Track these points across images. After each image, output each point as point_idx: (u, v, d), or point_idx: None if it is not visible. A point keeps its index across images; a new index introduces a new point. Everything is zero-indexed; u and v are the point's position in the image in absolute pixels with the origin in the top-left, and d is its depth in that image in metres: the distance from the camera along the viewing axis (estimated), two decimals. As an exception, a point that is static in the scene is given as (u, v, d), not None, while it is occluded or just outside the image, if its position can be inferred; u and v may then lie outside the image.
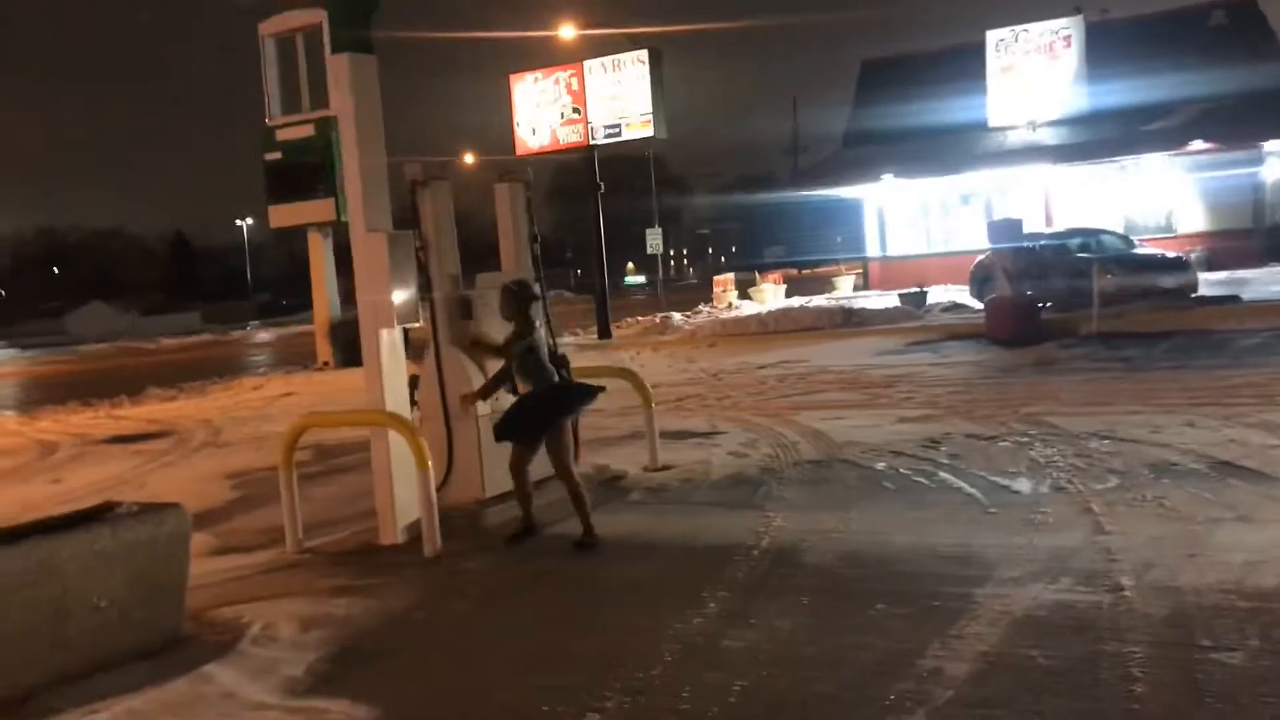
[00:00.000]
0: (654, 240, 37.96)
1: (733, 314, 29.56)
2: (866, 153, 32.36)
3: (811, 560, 6.29)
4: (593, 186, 24.01)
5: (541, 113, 24.29)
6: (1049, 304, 18.68)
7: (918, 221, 32.70)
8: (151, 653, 5.51)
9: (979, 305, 22.44)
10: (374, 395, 7.65)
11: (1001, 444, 9.24)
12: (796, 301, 32.60)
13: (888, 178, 30.57)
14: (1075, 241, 20.69)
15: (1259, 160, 28.79)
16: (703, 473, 9.11)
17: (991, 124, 30.83)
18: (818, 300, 30.73)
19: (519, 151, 24.94)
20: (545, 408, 7.24)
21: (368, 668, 5.24)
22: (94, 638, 5.33)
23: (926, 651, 4.69)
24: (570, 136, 24.06)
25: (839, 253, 67.56)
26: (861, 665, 4.63)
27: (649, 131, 23.20)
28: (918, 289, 23.05)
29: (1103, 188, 29.27)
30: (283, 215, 24.76)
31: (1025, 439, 9.33)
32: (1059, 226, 26.07)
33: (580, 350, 22.34)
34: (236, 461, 12.64)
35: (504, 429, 7.35)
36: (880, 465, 8.81)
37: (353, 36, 7.59)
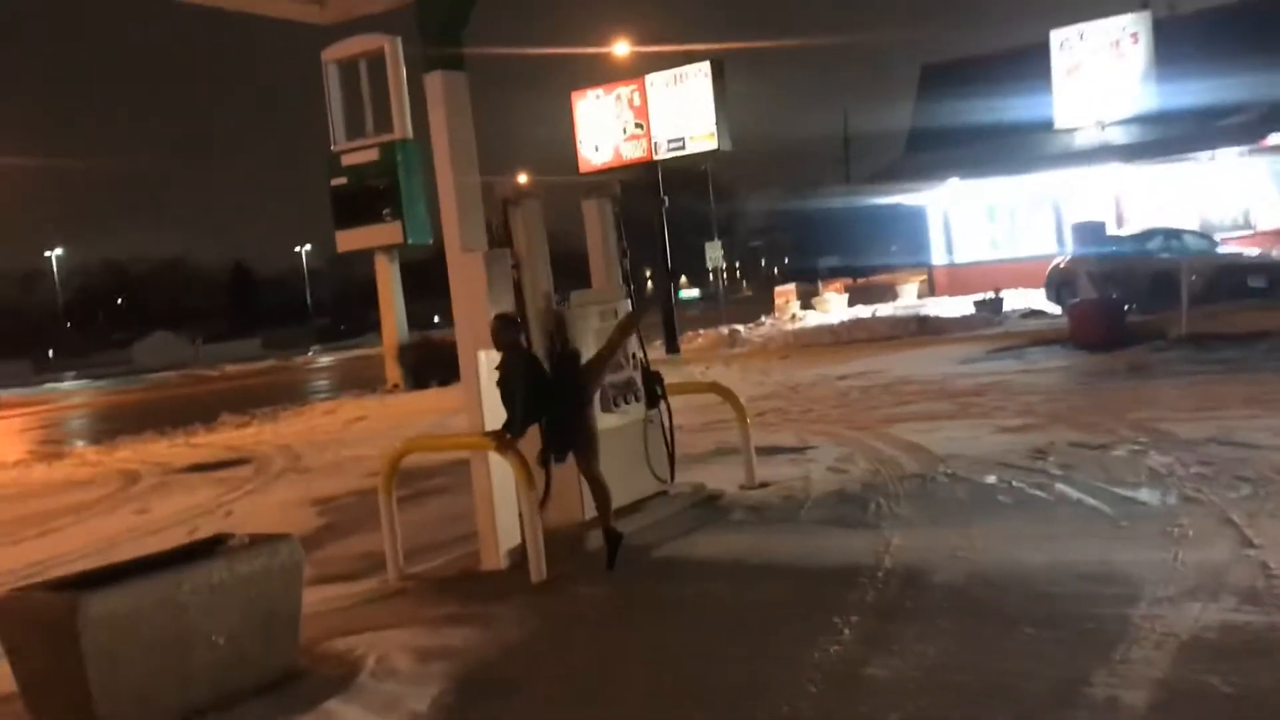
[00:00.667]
0: (714, 253, 37.70)
1: (797, 325, 29.23)
2: (930, 157, 31.89)
3: (942, 581, 6.01)
4: (655, 201, 23.84)
5: (604, 129, 24.20)
6: (1133, 307, 18.16)
7: (984, 226, 32.15)
8: (269, 688, 5.37)
9: (1057, 310, 21.97)
10: (474, 417, 7.50)
11: (1114, 453, 8.88)
12: (865, 311, 32.16)
13: (953, 181, 30.11)
14: (1156, 242, 20.17)
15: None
16: (803, 490, 8.85)
17: (1058, 125, 30.23)
18: (886, 309, 30.29)
19: (582, 169, 24.84)
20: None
21: (495, 701, 5.05)
22: (213, 674, 5.20)
23: (1093, 679, 4.39)
24: (634, 152, 23.93)
25: (895, 259, 66.80)
26: (1026, 695, 4.35)
27: (713, 144, 23.00)
28: (993, 294, 22.58)
29: (1175, 187, 28.54)
30: (350, 240, 25.07)
31: (1138, 447, 8.96)
32: (1133, 227, 25.47)
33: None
34: (320, 487, 12.56)
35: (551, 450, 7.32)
36: (990, 478, 8.49)
37: (444, 54, 7.44)
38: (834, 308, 35.78)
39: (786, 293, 37.79)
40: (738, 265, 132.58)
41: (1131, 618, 5.05)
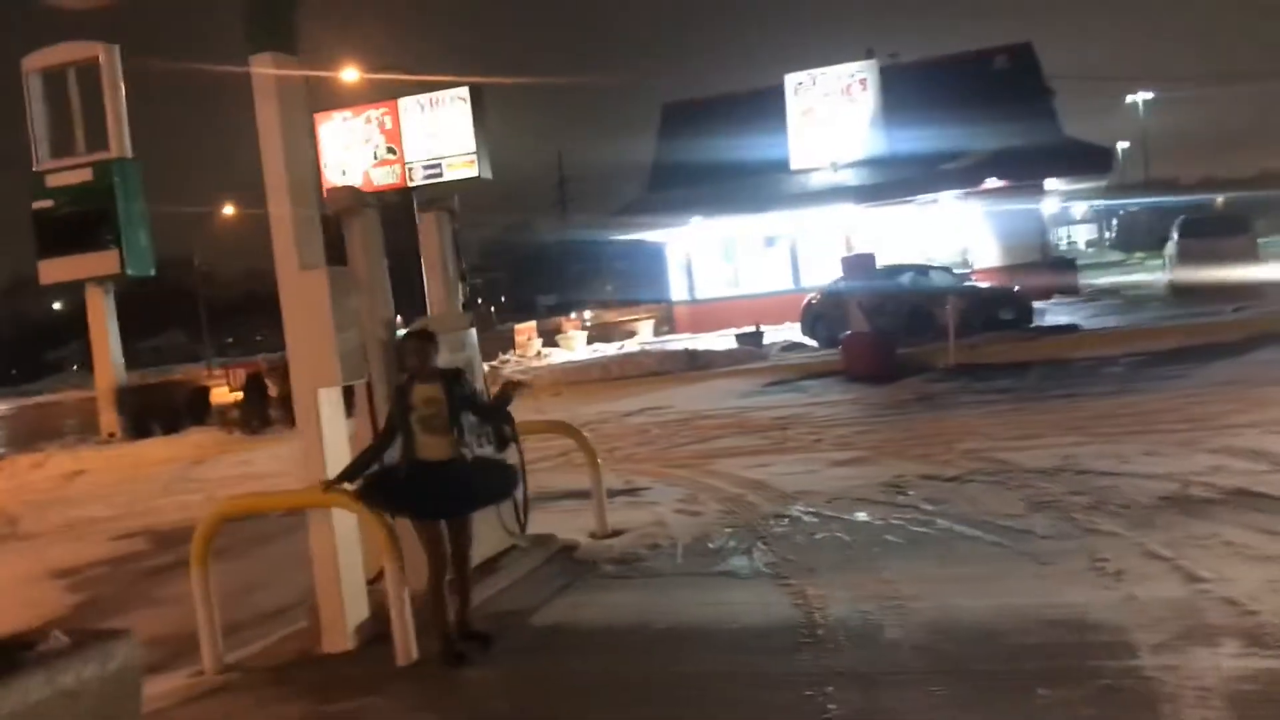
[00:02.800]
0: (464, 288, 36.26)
1: (544, 362, 28.54)
2: (672, 195, 32.09)
3: (895, 637, 5.36)
4: (410, 229, 22.43)
5: (351, 153, 22.53)
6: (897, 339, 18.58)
7: (723, 263, 32.67)
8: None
9: (814, 344, 22.35)
10: (312, 468, 6.23)
11: (971, 484, 8.63)
12: (608, 348, 31.87)
13: (696, 219, 30.39)
14: (908, 277, 20.85)
15: (1040, 198, 30.34)
16: (665, 536, 8.05)
17: (794, 165, 31.18)
18: (633, 345, 30.09)
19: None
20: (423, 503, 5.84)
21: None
22: (29, 835, 3.78)
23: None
24: (386, 178, 22.35)
25: (619, 297, 67.50)
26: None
27: (473, 171, 21.72)
28: (754, 329, 22.71)
29: (902, 226, 30.03)
30: (57, 270, 22.19)
31: (991, 478, 8.76)
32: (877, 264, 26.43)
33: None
34: (57, 557, 10.59)
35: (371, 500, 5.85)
36: (861, 515, 8.01)
37: (275, 30, 6.20)
38: (577, 345, 35.33)
39: (528, 330, 36.92)
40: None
41: (1142, 669, 4.57)
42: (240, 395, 20.61)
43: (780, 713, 4.62)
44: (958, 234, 29.84)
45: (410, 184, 22.68)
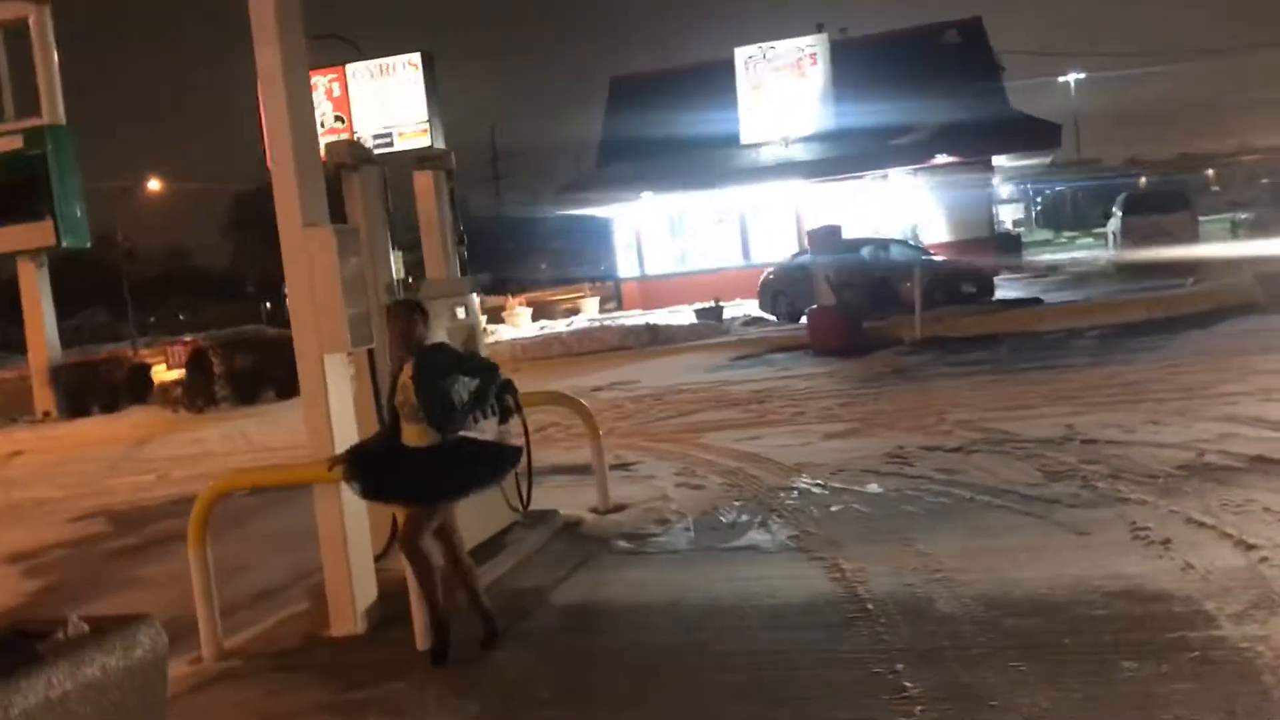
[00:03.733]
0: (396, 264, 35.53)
1: (492, 340, 28.08)
2: (620, 170, 31.73)
3: (951, 611, 5.11)
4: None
5: (298, 122, 21.82)
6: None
7: (673, 239, 32.35)
8: None
9: (773, 318, 22.19)
10: (319, 441, 5.82)
11: (977, 455, 8.45)
12: (561, 325, 31.49)
13: (646, 195, 30.04)
14: (868, 250, 20.74)
15: (990, 174, 30.48)
16: (673, 511, 7.75)
17: (744, 140, 30.96)
18: (581, 320, 29.73)
19: (270, 163, 22.33)
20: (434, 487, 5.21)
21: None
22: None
23: (1288, 724, 3.62)
24: (334, 148, 21.75)
25: (557, 275, 66.64)
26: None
27: (426, 141, 21.32)
28: (714, 303, 22.46)
29: (852, 202, 29.95)
30: (-14, 242, 21.06)
31: (996, 449, 8.58)
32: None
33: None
34: (9, 540, 9.99)
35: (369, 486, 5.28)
36: (873, 487, 7.78)
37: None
38: (522, 322, 34.88)
39: (471, 306, 36.34)
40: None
41: (1233, 642, 4.36)
42: (182, 373, 19.85)
43: (853, 691, 4.34)
44: (907, 209, 29.80)
45: (360, 154, 21.90)
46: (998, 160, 30.92)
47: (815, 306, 17.31)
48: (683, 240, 32.15)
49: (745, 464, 9.09)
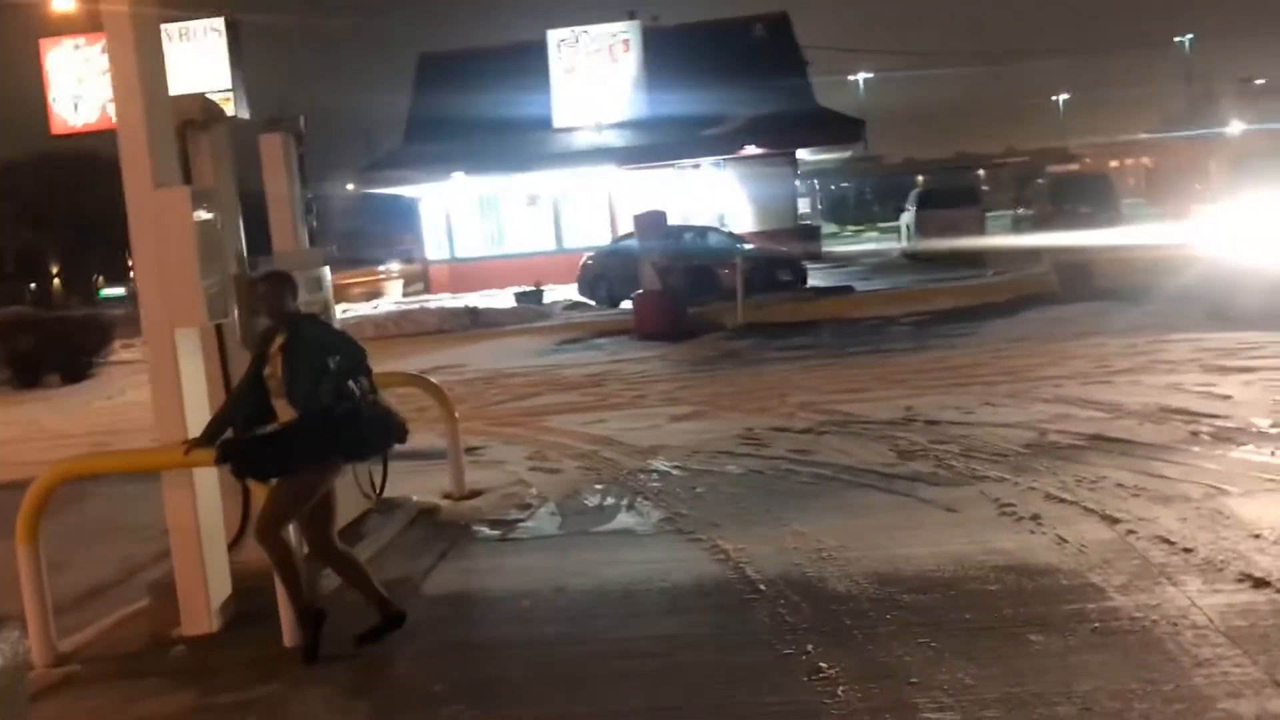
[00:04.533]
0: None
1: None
2: (429, 149, 30.90)
3: (847, 590, 5.11)
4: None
5: (86, 86, 20.26)
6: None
7: (484, 222, 31.82)
8: None
9: (592, 303, 22.11)
10: (168, 424, 5.31)
11: (827, 436, 8.57)
12: (367, 308, 30.60)
13: (458, 175, 29.41)
14: (688, 237, 20.92)
15: (793, 166, 31.31)
16: (533, 496, 7.53)
17: (557, 124, 30.74)
18: (381, 304, 28.92)
19: (55, 129, 20.69)
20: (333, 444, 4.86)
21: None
22: None
23: (1223, 696, 3.73)
24: (127, 115, 20.23)
25: (346, 255, 64.53)
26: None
27: (229, 111, 20.18)
28: (534, 287, 22.17)
29: (662, 190, 30.19)
30: None
31: (843, 429, 8.73)
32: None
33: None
34: None
35: (257, 462, 4.88)
36: (732, 468, 7.79)
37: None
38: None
39: (267, 288, 34.72)
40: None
41: (1127, 611, 4.50)
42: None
43: (769, 674, 4.26)
44: (715, 198, 30.28)
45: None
46: (800, 153, 31.80)
47: (640, 292, 17.30)
48: (494, 223, 31.67)
49: (598, 446, 8.94)
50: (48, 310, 32.75)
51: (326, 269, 6.88)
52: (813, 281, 21.91)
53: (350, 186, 40.10)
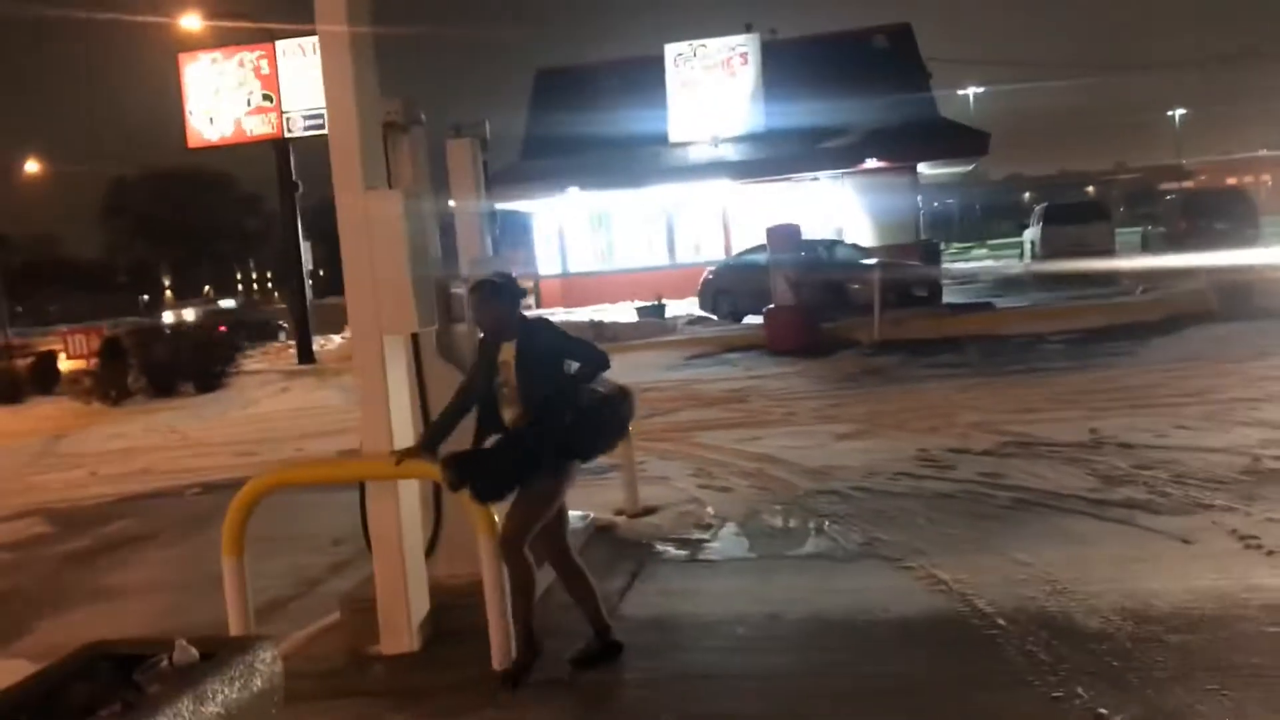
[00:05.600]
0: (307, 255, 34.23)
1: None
2: (545, 165, 30.96)
3: (1099, 627, 4.66)
4: (286, 186, 20.63)
5: (221, 100, 20.62)
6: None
7: (596, 236, 31.73)
8: None
9: (713, 317, 21.79)
10: (375, 433, 5.10)
11: (1012, 460, 8.07)
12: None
13: (573, 190, 29.38)
14: (818, 252, 20.46)
15: (916, 179, 30.62)
16: (711, 516, 7.20)
17: (673, 139, 30.52)
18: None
19: (191, 143, 21.03)
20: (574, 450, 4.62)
21: None
22: None
23: None
24: (260, 127, 20.55)
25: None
26: None
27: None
28: (657, 302, 21.94)
29: (778, 204, 29.78)
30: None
31: (1028, 452, 8.24)
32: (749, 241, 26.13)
33: (293, 378, 19.14)
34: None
35: (499, 477, 4.53)
36: (919, 491, 7.36)
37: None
38: (439, 317, 33.91)
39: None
40: (268, 276, 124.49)
41: None
42: (94, 363, 18.48)
43: (1046, 721, 3.85)
44: (834, 213, 29.75)
45: (287, 135, 21.07)
46: (921, 167, 31.10)
47: (772, 306, 16.91)
48: (606, 238, 31.56)
49: (762, 465, 8.59)
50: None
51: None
52: (949, 298, 21.27)
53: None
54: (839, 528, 6.61)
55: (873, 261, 19.59)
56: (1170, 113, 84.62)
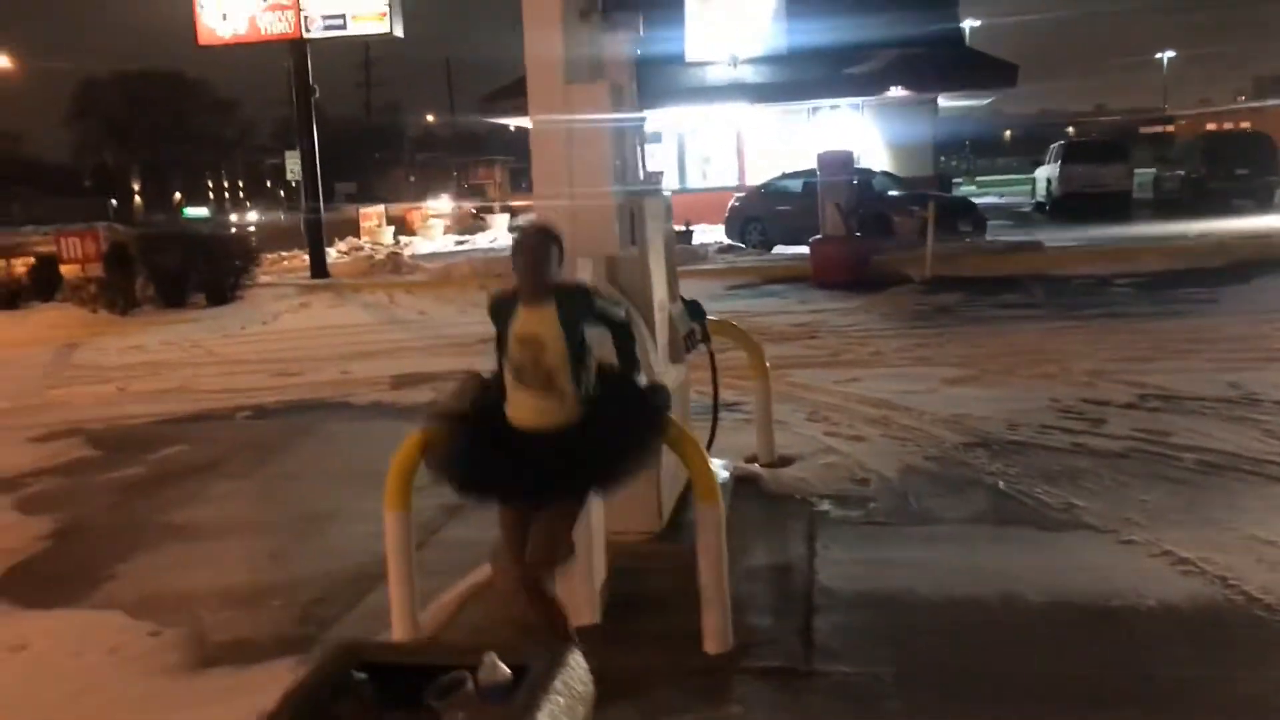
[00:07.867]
0: (293, 165, 32.93)
1: (411, 252, 26.48)
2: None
3: None
4: (302, 89, 19.50)
5: (235, -6, 19.36)
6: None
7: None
8: None
9: (742, 245, 21.04)
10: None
11: (1162, 413, 7.43)
12: (484, 240, 29.99)
13: (584, 108, 28.25)
14: (856, 181, 19.64)
15: (935, 110, 29.74)
16: (859, 468, 6.52)
17: (689, 58, 29.35)
18: (482, 236, 28.15)
19: (202, 40, 19.76)
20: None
21: None
22: None
23: None
24: (277, 25, 19.29)
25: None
26: None
27: (384, 27, 19.11)
28: (684, 227, 21.11)
29: (792, 130, 28.89)
30: None
31: (1173, 406, 7.61)
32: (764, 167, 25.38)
33: (310, 292, 18.24)
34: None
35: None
36: (1082, 448, 6.70)
37: None
38: (437, 234, 33.09)
39: (376, 214, 34.02)
40: (239, 185, 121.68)
41: None
42: (99, 268, 17.42)
43: None
44: (852, 141, 28.82)
45: (305, 35, 19.84)
46: (943, 99, 30.18)
47: (820, 236, 16.16)
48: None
49: (886, 412, 7.90)
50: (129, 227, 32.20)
51: (668, 196, 5.88)
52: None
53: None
54: (1020, 489, 5.95)
55: (920, 193, 18.82)
56: (1159, 55, 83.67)
